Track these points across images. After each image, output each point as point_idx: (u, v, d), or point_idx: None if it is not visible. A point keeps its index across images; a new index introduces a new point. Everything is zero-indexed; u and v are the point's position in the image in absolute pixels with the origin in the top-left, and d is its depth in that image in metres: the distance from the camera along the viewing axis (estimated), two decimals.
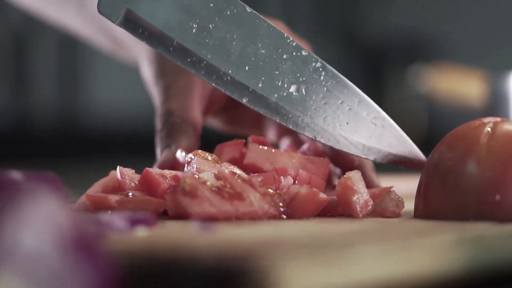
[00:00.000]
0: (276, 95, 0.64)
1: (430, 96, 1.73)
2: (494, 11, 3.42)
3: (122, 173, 0.63)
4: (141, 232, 0.52)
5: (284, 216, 0.60)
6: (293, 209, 0.60)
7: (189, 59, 0.63)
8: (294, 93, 0.64)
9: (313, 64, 0.64)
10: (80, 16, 0.89)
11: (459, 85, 1.56)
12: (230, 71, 0.63)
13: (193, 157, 0.64)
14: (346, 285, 0.42)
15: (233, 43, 0.63)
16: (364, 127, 0.65)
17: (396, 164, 0.66)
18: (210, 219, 0.56)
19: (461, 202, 0.58)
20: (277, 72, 0.64)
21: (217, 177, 0.59)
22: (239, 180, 0.59)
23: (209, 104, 0.76)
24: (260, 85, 0.64)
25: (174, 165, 0.68)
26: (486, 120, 0.61)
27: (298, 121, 0.64)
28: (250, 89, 0.64)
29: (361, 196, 0.61)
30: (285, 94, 0.64)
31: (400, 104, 3.30)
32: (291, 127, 0.64)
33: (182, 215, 0.57)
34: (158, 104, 0.74)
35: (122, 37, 0.84)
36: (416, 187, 0.63)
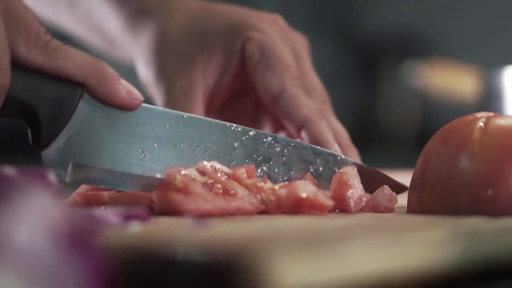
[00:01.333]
0: None
1: (424, 92, 1.73)
2: (487, 7, 3.42)
3: None
4: (135, 228, 0.52)
5: (278, 211, 0.60)
6: (289, 204, 0.60)
7: (148, 185, 0.63)
8: (258, 174, 0.65)
9: (264, 139, 0.65)
10: (72, 15, 0.89)
11: (452, 80, 1.56)
12: None
13: None
14: (339, 280, 0.42)
15: (183, 151, 0.63)
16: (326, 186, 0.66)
17: None
18: (204, 215, 0.56)
19: (454, 197, 0.58)
20: (234, 162, 0.64)
21: (201, 172, 0.59)
22: (224, 176, 0.59)
23: (209, 103, 0.76)
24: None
25: None
26: (479, 115, 0.61)
27: None
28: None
29: (356, 191, 0.62)
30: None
31: (393, 100, 3.30)
32: None
33: (170, 212, 0.57)
34: (160, 105, 0.75)
35: (116, 37, 0.84)
36: (409, 182, 0.63)
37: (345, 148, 0.70)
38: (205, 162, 0.60)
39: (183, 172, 0.58)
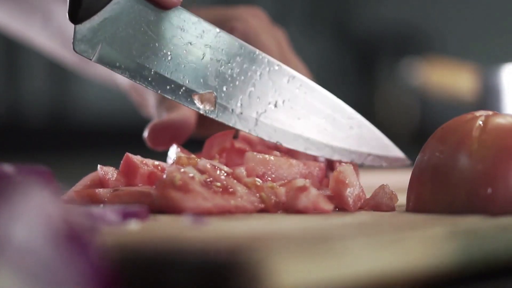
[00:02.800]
0: (256, 112, 0.65)
1: (422, 90, 1.73)
2: (485, 5, 3.42)
3: (104, 171, 0.63)
4: (133, 226, 0.52)
5: (277, 210, 0.60)
6: (289, 203, 0.60)
7: (168, 87, 0.64)
8: (273, 108, 0.65)
9: (287, 77, 0.66)
10: (46, 29, 0.89)
11: (451, 78, 1.56)
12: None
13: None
14: (338, 278, 0.42)
15: (208, 66, 0.64)
16: (343, 131, 0.67)
17: (376, 163, 0.68)
18: (203, 213, 0.56)
19: (452, 195, 0.58)
20: (253, 89, 0.65)
21: (200, 171, 0.59)
22: (223, 174, 0.59)
23: None
24: (239, 104, 0.65)
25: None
26: (477, 113, 0.61)
27: (284, 135, 0.66)
28: (231, 110, 0.65)
29: (354, 189, 0.62)
30: (265, 110, 0.65)
31: (392, 98, 3.30)
32: (277, 142, 0.66)
33: (169, 210, 0.57)
34: (152, 111, 0.75)
35: None
36: (408, 180, 0.63)
37: None
38: (205, 160, 0.61)
39: (182, 170, 0.58)
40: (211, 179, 0.59)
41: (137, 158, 0.63)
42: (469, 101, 1.39)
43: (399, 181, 0.69)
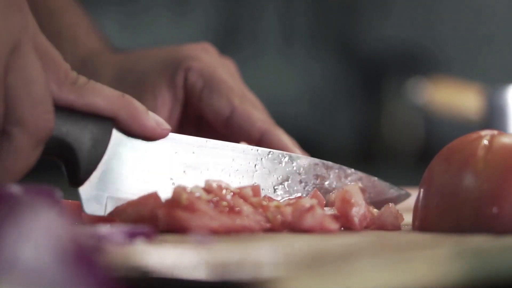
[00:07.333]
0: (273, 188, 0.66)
1: (428, 109, 1.73)
2: (491, 26, 3.43)
3: None
4: (140, 245, 0.52)
5: (283, 229, 0.60)
6: (295, 222, 0.60)
7: None
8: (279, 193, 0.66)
9: (281, 159, 0.66)
10: None
11: (456, 98, 1.56)
12: None
13: None
14: None
15: (210, 176, 0.64)
16: None
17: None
18: (210, 232, 0.56)
19: (458, 215, 0.58)
20: (256, 182, 0.65)
21: (206, 190, 0.59)
22: (229, 194, 0.60)
23: None
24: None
25: None
26: (483, 133, 0.61)
27: None
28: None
29: (360, 209, 0.62)
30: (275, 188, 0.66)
31: (397, 117, 3.30)
32: None
33: (176, 229, 0.57)
34: None
35: None
36: (413, 199, 0.63)
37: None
38: (211, 180, 0.61)
39: (189, 189, 0.59)
40: (218, 198, 0.59)
41: None
42: (475, 121, 1.39)
43: (404, 200, 0.69)
